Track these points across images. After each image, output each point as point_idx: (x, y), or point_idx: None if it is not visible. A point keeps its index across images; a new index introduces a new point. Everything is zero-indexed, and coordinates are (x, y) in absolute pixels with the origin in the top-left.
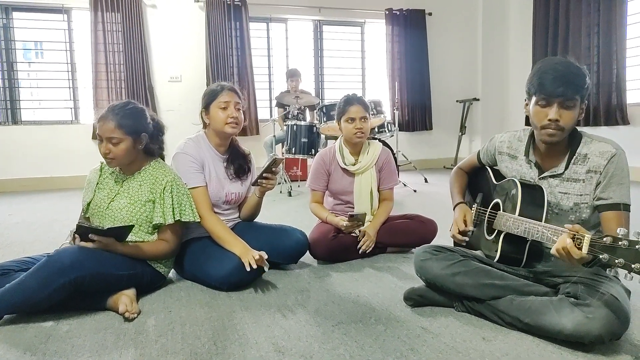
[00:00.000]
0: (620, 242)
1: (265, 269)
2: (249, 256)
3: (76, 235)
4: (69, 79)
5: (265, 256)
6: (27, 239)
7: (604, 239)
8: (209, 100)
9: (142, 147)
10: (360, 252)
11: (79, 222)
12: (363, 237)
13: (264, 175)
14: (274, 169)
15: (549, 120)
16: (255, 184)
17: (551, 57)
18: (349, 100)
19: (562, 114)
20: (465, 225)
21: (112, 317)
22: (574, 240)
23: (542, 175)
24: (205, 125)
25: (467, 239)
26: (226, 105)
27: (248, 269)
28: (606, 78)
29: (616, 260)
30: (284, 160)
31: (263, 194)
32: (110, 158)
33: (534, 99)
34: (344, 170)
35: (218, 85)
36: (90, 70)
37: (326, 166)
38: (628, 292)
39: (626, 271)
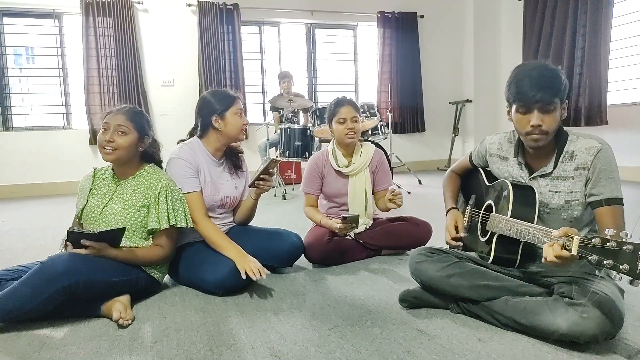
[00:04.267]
0: (608, 243)
1: (263, 276)
2: (245, 263)
3: (68, 243)
4: (60, 85)
5: (264, 272)
6: (19, 247)
7: (593, 240)
8: (224, 107)
9: (142, 149)
10: (397, 203)
11: (69, 229)
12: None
13: (261, 176)
14: (270, 170)
15: (532, 126)
16: (252, 185)
17: (525, 63)
18: (339, 102)
19: (544, 118)
20: (457, 231)
21: (106, 324)
22: (563, 244)
23: (532, 176)
24: (204, 133)
25: (460, 244)
26: (241, 113)
27: (244, 276)
28: (591, 79)
29: (605, 262)
30: (280, 162)
31: (259, 195)
32: (112, 148)
33: (514, 106)
34: (338, 172)
35: (229, 93)
36: (82, 76)
37: (319, 169)
38: (622, 291)
39: (615, 272)
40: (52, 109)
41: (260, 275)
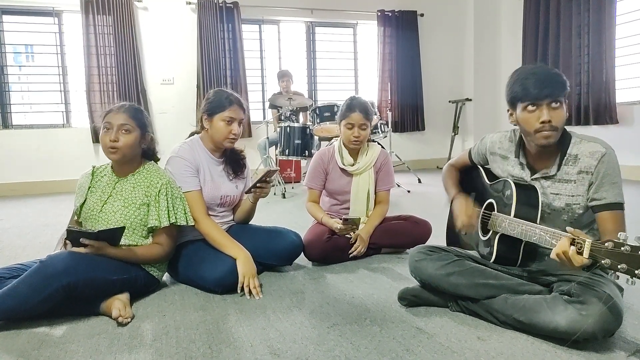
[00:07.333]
0: (622, 248)
1: (257, 297)
2: (247, 274)
3: (67, 241)
4: (60, 83)
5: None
6: (18, 244)
7: (606, 244)
8: (214, 109)
9: (145, 146)
10: (350, 256)
11: (69, 227)
12: (355, 241)
13: (258, 185)
14: (267, 179)
15: (542, 122)
16: (249, 192)
17: (524, 66)
18: (351, 107)
19: (552, 114)
20: (469, 218)
21: (105, 322)
22: (574, 245)
23: (534, 177)
24: (202, 128)
25: (475, 227)
26: (231, 121)
27: (239, 291)
28: (596, 78)
29: (619, 266)
30: (279, 170)
31: (257, 200)
32: (116, 147)
33: (520, 106)
34: (342, 170)
35: (227, 98)
36: (82, 74)
37: (324, 165)
38: (620, 289)
39: (628, 276)
40: (51, 107)
41: (255, 293)
